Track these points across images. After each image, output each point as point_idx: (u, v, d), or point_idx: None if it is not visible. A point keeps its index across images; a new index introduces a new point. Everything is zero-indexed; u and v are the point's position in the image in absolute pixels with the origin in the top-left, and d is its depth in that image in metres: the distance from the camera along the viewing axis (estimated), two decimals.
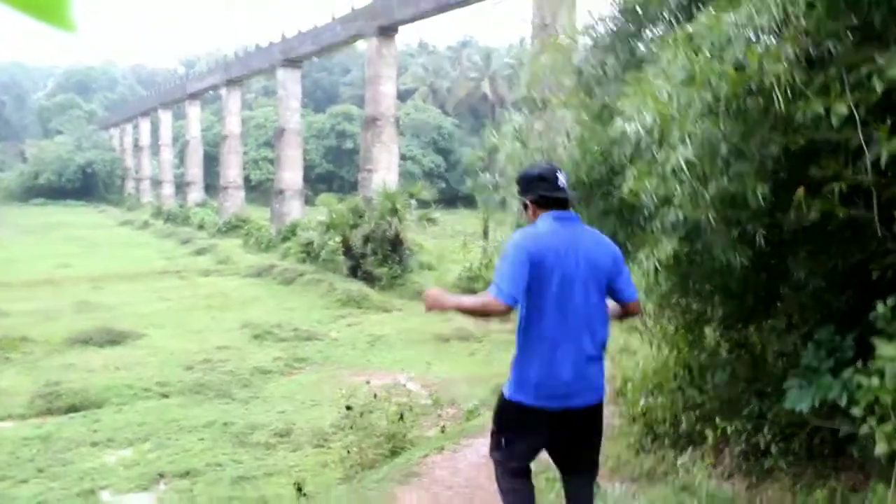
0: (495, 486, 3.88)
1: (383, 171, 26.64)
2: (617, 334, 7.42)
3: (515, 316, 3.60)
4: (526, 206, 3.69)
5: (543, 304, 3.42)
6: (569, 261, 3.42)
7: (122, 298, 21.33)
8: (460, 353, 15.08)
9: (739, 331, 5.94)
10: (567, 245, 3.45)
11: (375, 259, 23.61)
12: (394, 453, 8.74)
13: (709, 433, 5.76)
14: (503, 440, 3.72)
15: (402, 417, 9.05)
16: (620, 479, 6.86)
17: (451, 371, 13.64)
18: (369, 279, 23.02)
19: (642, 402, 7.26)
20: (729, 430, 5.54)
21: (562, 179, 3.60)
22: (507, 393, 3.69)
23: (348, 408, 8.91)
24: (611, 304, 3.67)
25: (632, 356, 8.55)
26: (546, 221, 3.54)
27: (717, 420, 5.72)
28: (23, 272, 25.62)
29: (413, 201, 24.24)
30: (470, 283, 21.48)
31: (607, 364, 3.87)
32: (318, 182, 59.84)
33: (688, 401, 6.46)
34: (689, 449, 6.24)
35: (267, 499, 8.58)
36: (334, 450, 9.61)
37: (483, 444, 8.73)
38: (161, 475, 9.36)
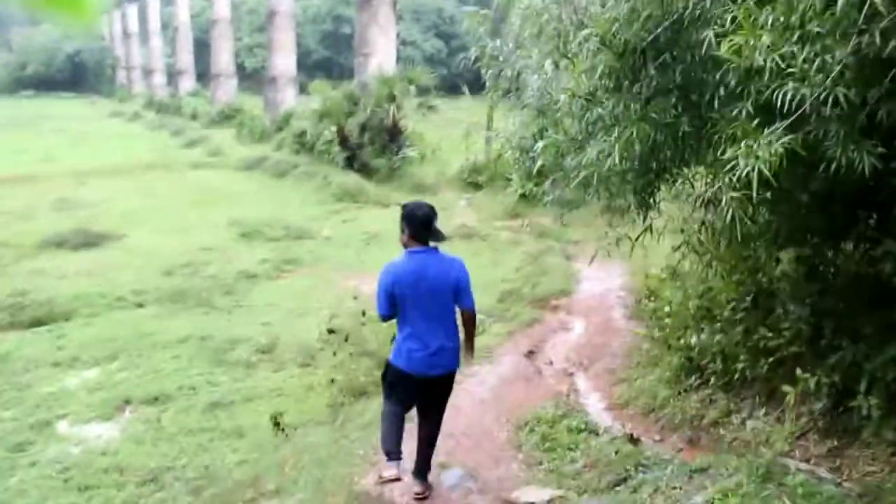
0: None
1: (380, 55, 24.83)
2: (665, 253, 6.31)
3: None
4: (403, 232, 5.08)
5: (405, 313, 4.95)
6: (420, 283, 4.85)
7: (105, 195, 20.04)
8: (463, 253, 13.69)
9: (827, 252, 4.72)
10: (420, 271, 4.88)
11: (373, 150, 22.20)
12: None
13: (785, 386, 4.59)
14: (388, 385, 5.26)
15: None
16: (660, 430, 5.81)
17: None
18: (366, 171, 21.65)
19: (686, 335, 6.13)
20: (810, 382, 4.38)
21: (435, 223, 4.99)
22: (391, 359, 5.21)
23: (330, 331, 7.74)
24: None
25: (675, 280, 7.39)
26: (406, 256, 5.01)
27: (797, 371, 4.56)
28: (2, 167, 24.27)
29: (412, 87, 22.63)
30: (473, 176, 20.21)
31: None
32: (314, 69, 57.39)
33: (747, 336, 5.30)
34: (751, 400, 5.12)
35: (243, 430, 7.56)
36: (321, 370, 8.55)
37: (489, 371, 7.75)
38: (127, 401, 8.33)
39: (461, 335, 5.10)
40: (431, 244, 5.01)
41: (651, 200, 5.23)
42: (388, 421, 5.12)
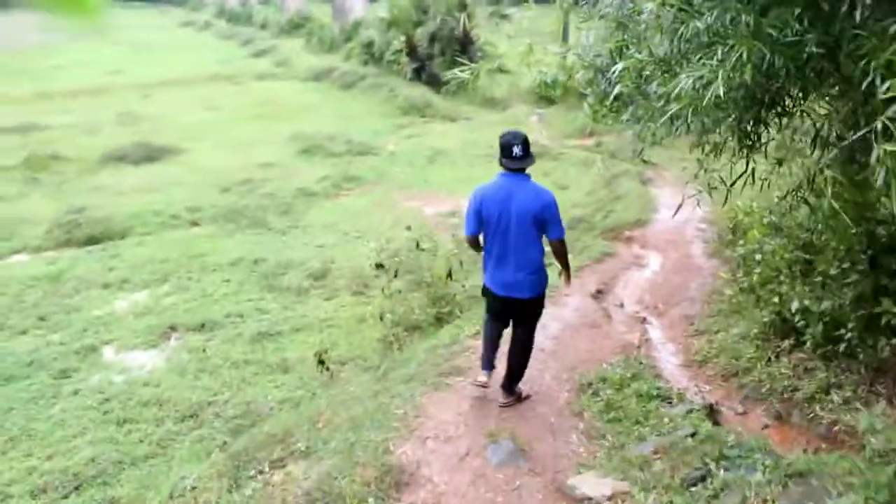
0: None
1: None
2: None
3: None
4: (500, 159, 5.11)
5: (489, 233, 5.11)
6: (503, 206, 4.94)
7: (169, 108, 19.73)
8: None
9: None
10: (505, 194, 4.95)
11: (443, 61, 21.29)
12: (439, 320, 7.11)
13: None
14: (486, 303, 5.47)
15: (450, 275, 7.33)
16: (744, 400, 5.08)
17: None
18: (435, 84, 20.80)
19: (780, 288, 5.32)
20: None
21: (517, 151, 4.97)
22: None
23: (379, 265, 7.19)
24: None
25: (768, 221, 6.56)
26: (496, 178, 5.12)
27: None
28: (69, 80, 24.14)
29: None
30: (547, 90, 19.19)
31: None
32: None
33: (860, 303, 4.53)
34: (857, 376, 4.36)
35: (289, 363, 7.13)
36: (375, 298, 8.03)
37: (552, 315, 6.79)
38: (173, 328, 7.97)
39: (543, 263, 5.16)
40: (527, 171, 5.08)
41: (756, 138, 4.38)
42: (484, 333, 5.49)
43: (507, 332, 5.43)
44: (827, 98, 3.77)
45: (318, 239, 10.31)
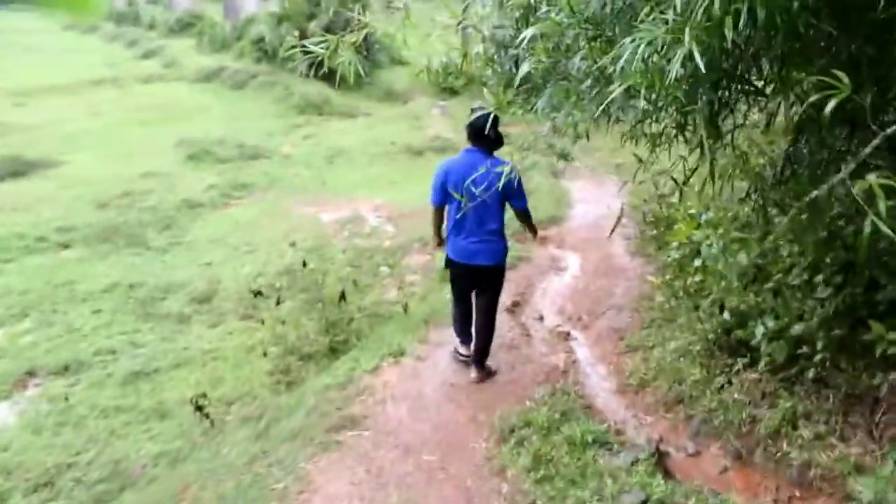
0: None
1: None
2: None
3: None
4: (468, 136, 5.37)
5: (452, 204, 5.33)
6: (467, 177, 4.91)
7: (44, 116, 18.17)
8: (433, 167, 12.31)
9: None
10: (468, 166, 5.09)
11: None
12: (333, 350, 6.26)
13: None
14: (449, 275, 5.75)
15: (343, 297, 6.50)
16: (695, 436, 4.38)
17: (426, 195, 10.95)
18: (332, 80, 19.85)
19: (726, 297, 4.63)
20: None
21: (484, 129, 5.03)
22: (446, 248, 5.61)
23: (257, 293, 6.32)
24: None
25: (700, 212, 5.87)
26: (461, 152, 5.42)
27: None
28: None
29: None
30: (448, 80, 18.47)
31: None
32: None
33: (834, 320, 3.85)
34: (829, 403, 3.69)
35: (166, 408, 6.17)
36: (267, 321, 7.13)
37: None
38: (31, 373, 6.90)
39: (504, 234, 5.44)
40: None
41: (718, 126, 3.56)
42: (454, 310, 5.80)
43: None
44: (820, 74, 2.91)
45: (203, 256, 9.31)
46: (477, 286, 5.53)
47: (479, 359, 5.53)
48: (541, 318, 6.60)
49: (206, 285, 8.28)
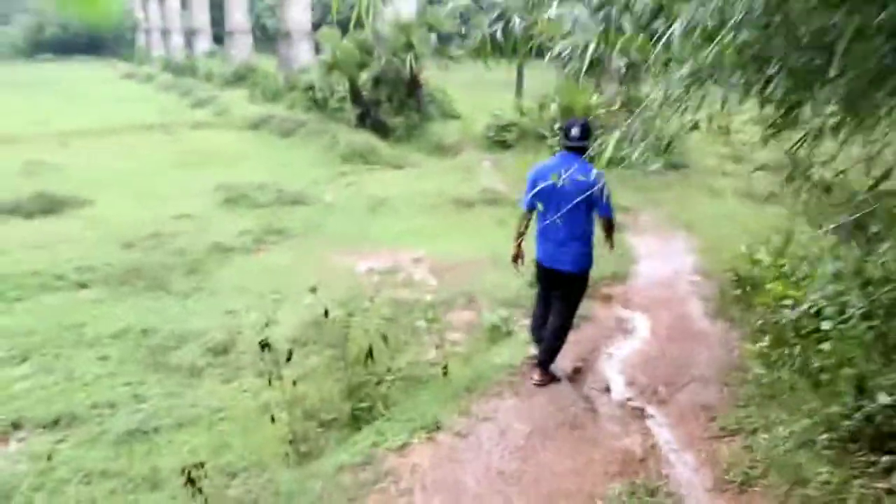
0: None
1: (399, 0, 22.35)
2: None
3: None
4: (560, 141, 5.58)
5: (541, 207, 5.27)
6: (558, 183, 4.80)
7: (86, 157, 17.80)
8: (487, 222, 11.46)
9: None
10: (558, 170, 4.95)
11: (389, 106, 19.81)
12: (356, 418, 5.33)
13: None
14: (535, 276, 5.95)
15: (370, 355, 5.58)
16: None
17: (474, 248, 10.10)
18: (381, 130, 19.26)
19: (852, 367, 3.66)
20: None
21: (574, 132, 5.37)
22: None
23: (264, 345, 5.42)
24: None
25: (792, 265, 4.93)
26: (554, 157, 5.62)
27: None
28: None
29: (433, 36, 20.13)
30: (500, 133, 17.73)
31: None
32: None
33: None
34: None
35: (160, 476, 5.27)
36: (286, 379, 6.24)
37: (513, 410, 4.84)
38: (17, 425, 6.07)
39: (591, 242, 5.51)
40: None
41: None
42: (533, 313, 5.89)
43: None
44: None
45: (226, 303, 8.48)
46: (558, 290, 5.62)
47: (544, 360, 5.60)
48: (607, 390, 5.58)
49: (224, 335, 7.44)
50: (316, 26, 28.49)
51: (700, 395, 5.33)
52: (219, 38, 49.27)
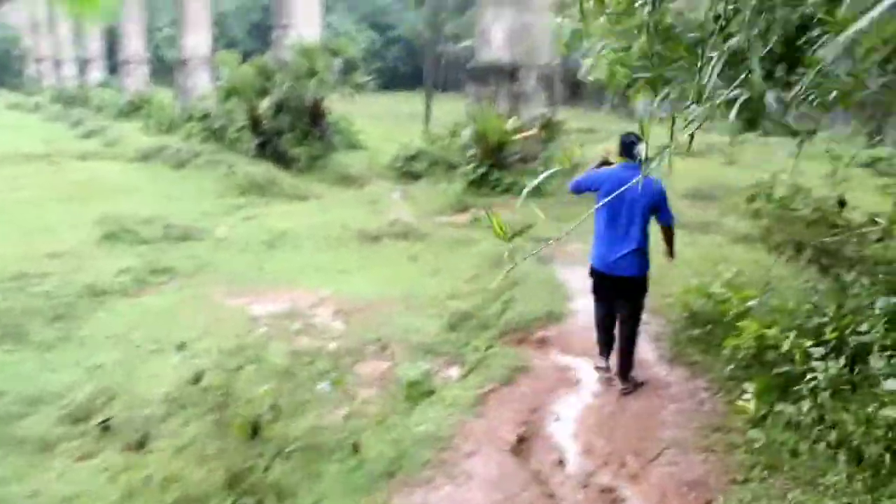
0: None
1: (302, 25, 21.37)
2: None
3: None
4: (620, 153, 5.87)
5: (598, 213, 5.60)
6: (618, 189, 4.86)
7: None
8: (396, 257, 10.49)
9: None
10: (623, 181, 5.26)
11: (292, 136, 18.69)
12: None
13: None
14: (593, 285, 6.03)
15: (255, 430, 4.54)
16: None
17: (384, 286, 9.11)
18: (283, 160, 18.13)
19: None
20: None
21: (638, 149, 5.45)
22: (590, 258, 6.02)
23: (105, 425, 4.33)
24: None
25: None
26: (618, 166, 5.81)
27: None
28: None
29: (338, 61, 19.15)
30: (409, 163, 16.88)
31: None
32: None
33: None
34: None
35: None
36: (161, 452, 5.11)
37: (444, 499, 3.85)
38: None
39: (648, 248, 5.74)
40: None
41: None
42: (596, 323, 6.00)
43: None
44: None
45: (95, 356, 7.21)
46: (619, 297, 5.78)
47: (624, 371, 5.72)
48: (561, 463, 4.58)
49: (87, 397, 6.20)
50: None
51: (681, 466, 4.39)
52: (115, 69, 47.34)
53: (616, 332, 5.81)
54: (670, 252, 5.95)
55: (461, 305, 7.85)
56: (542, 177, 3.50)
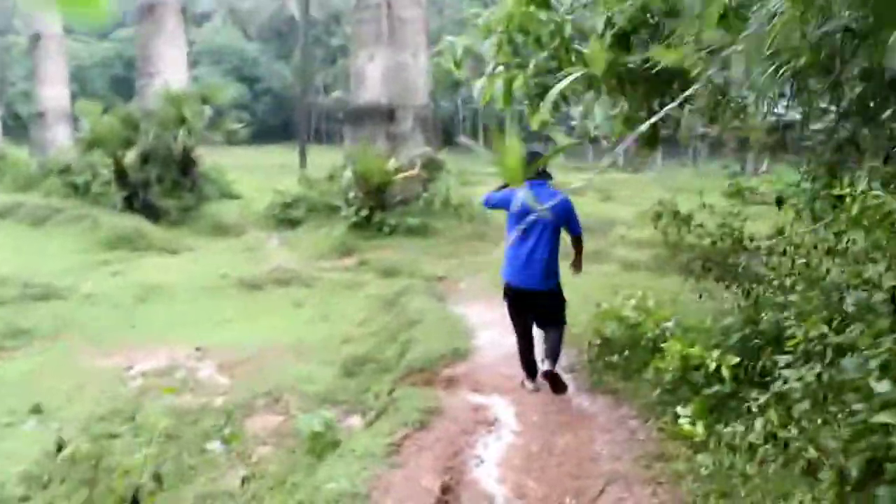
0: None
1: (169, 72, 20.50)
2: None
3: None
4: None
5: (510, 228, 5.68)
6: (528, 206, 5.34)
7: None
8: (281, 305, 9.90)
9: None
10: (532, 196, 5.29)
11: (161, 188, 17.77)
12: None
13: None
14: (506, 301, 5.91)
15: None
16: None
17: (269, 335, 8.50)
18: (152, 213, 17.16)
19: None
20: None
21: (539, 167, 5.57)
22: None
23: None
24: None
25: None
26: (526, 185, 5.39)
27: None
28: None
29: (207, 108, 18.41)
30: (285, 211, 16.32)
31: None
32: None
33: None
34: None
35: None
36: None
37: None
38: None
39: (557, 261, 5.72)
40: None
41: None
42: (518, 342, 5.90)
43: None
44: None
45: None
46: (534, 310, 5.77)
47: (552, 369, 5.76)
48: None
49: None
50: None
51: (629, 502, 3.97)
52: None
53: (543, 339, 5.83)
54: (578, 261, 5.97)
55: (356, 350, 7.35)
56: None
